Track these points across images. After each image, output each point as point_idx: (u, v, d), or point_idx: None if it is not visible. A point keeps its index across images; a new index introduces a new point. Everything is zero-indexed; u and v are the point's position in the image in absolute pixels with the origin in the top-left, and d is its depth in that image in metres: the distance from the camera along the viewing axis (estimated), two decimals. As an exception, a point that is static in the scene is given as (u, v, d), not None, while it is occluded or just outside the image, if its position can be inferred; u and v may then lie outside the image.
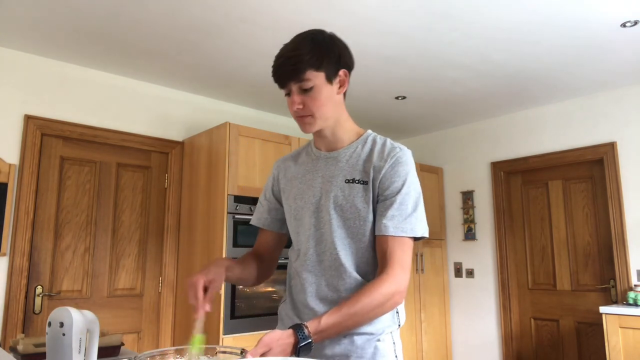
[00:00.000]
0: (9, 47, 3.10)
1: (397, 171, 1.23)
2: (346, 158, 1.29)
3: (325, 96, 1.22)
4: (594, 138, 3.95)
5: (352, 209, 1.23)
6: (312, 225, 1.28)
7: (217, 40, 3.00)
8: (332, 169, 1.30)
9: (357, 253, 1.24)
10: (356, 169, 1.26)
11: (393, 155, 1.25)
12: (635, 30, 2.89)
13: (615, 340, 3.21)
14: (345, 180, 1.26)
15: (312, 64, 1.19)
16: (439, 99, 4.07)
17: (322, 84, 1.21)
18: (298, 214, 1.32)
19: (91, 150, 3.42)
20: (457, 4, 2.59)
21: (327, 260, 1.25)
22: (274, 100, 4.09)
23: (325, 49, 1.22)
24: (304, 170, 1.36)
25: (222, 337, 3.06)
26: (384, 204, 1.22)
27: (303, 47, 1.19)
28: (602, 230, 3.90)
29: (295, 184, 1.36)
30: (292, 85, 1.21)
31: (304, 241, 1.30)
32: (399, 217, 1.19)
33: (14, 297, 2.96)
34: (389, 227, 1.19)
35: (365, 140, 1.31)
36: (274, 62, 1.22)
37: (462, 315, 4.66)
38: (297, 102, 1.21)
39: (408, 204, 1.21)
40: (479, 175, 4.65)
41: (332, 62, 1.23)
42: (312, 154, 1.37)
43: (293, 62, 1.18)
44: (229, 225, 3.22)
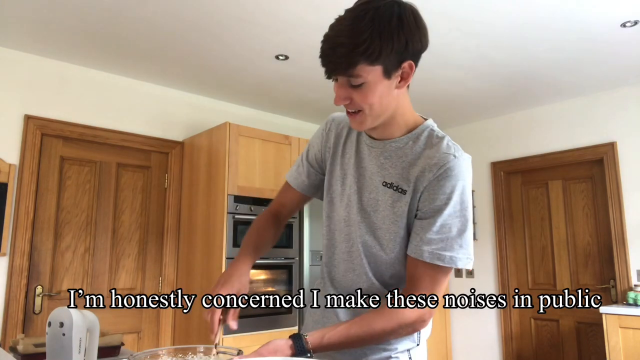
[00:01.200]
0: (9, 47, 3.10)
1: (443, 186, 1.01)
2: (390, 153, 1.09)
3: (379, 93, 0.99)
4: (593, 138, 3.95)
5: (384, 219, 1.08)
6: (346, 220, 1.15)
7: (217, 40, 3.00)
8: (373, 164, 1.11)
9: (383, 264, 1.10)
10: (398, 172, 1.07)
11: (443, 165, 1.02)
12: (636, 30, 2.89)
13: (616, 341, 3.21)
14: (383, 182, 1.08)
15: (367, 56, 0.93)
16: (438, 98, 4.07)
17: (377, 80, 0.97)
18: (334, 199, 1.18)
19: (91, 150, 3.42)
20: (457, 3, 2.59)
21: (352, 261, 1.14)
22: (274, 100, 4.09)
23: (387, 36, 0.93)
24: (349, 151, 1.17)
25: (222, 337, 3.06)
26: (422, 222, 1.03)
27: (357, 32, 0.92)
28: (602, 230, 3.89)
29: (337, 163, 1.19)
30: (340, 77, 0.98)
31: (336, 232, 1.18)
32: (438, 242, 1.00)
33: (14, 297, 2.96)
34: (424, 252, 1.01)
35: (418, 135, 1.09)
36: (322, 44, 0.97)
37: (462, 316, 4.66)
38: (342, 97, 1.00)
39: (453, 227, 1.01)
40: (479, 175, 4.65)
41: (395, 53, 0.95)
42: (363, 133, 1.16)
43: (342, 52, 0.93)
44: (229, 225, 3.22)
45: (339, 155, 1.19)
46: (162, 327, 3.57)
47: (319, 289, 1.25)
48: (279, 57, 3.23)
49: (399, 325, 1.00)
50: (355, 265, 1.13)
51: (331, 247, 1.20)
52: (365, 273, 1.11)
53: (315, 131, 1.34)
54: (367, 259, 1.11)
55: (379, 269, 1.11)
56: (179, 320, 3.56)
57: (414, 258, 1.03)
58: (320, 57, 0.97)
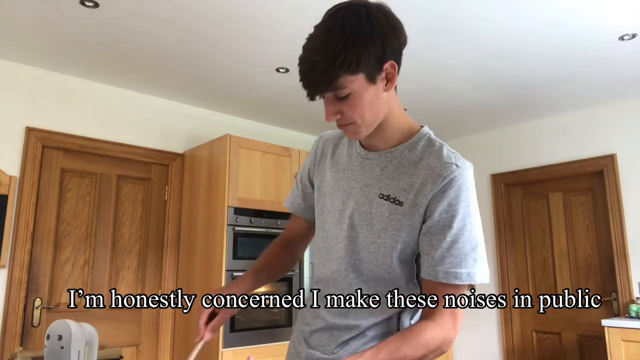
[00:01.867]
0: (11, 59, 3.12)
1: (448, 197, 0.96)
2: (385, 164, 1.05)
3: (368, 100, 0.96)
4: (593, 150, 3.96)
5: (380, 232, 1.02)
6: (333, 235, 1.10)
7: (218, 52, 3.02)
8: (367, 176, 1.07)
9: (374, 283, 1.04)
10: (395, 183, 1.02)
11: (446, 176, 0.97)
12: (634, 43, 2.91)
13: (618, 354, 3.19)
14: (380, 194, 1.03)
15: (346, 68, 0.90)
16: (438, 111, 4.09)
17: (363, 88, 0.94)
18: (322, 215, 1.14)
19: (92, 162, 3.43)
20: (457, 17, 2.61)
21: (339, 282, 1.08)
22: (275, 112, 4.11)
23: (362, 42, 0.91)
24: (340, 165, 1.14)
25: (222, 350, 3.04)
26: (430, 239, 0.98)
27: (331, 45, 0.90)
28: (603, 243, 3.88)
29: (327, 178, 1.15)
30: (325, 94, 0.96)
31: (323, 249, 1.14)
32: (451, 259, 0.95)
33: (12, 309, 2.94)
34: (438, 273, 0.96)
35: (415, 143, 1.04)
36: (299, 66, 0.94)
37: (463, 328, 4.63)
38: (332, 113, 0.97)
39: (464, 241, 0.96)
40: (480, 187, 4.65)
41: (373, 57, 0.92)
42: (354, 147, 1.13)
43: (320, 70, 0.90)
44: (229, 237, 3.21)
45: (329, 169, 1.16)
46: (161, 341, 3.54)
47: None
48: (279, 69, 3.25)
49: (427, 349, 0.95)
50: (338, 282, 1.09)
51: (322, 267, 1.15)
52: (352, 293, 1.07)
53: None
54: (352, 279, 1.07)
55: (369, 288, 1.06)
56: (178, 334, 3.54)
57: (429, 280, 0.99)
58: (300, 80, 0.94)
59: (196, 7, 2.51)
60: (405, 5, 2.49)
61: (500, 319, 4.36)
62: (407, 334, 0.95)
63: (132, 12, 2.55)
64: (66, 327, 1.10)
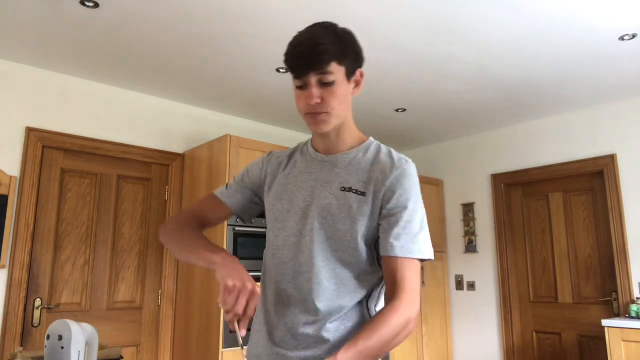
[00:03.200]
0: (11, 59, 3.12)
1: (402, 184, 1.12)
2: (345, 164, 1.19)
3: (343, 93, 1.13)
4: (593, 150, 3.96)
5: (345, 220, 1.13)
6: (297, 232, 1.17)
7: (218, 52, 3.02)
8: (327, 174, 1.19)
9: (342, 269, 1.13)
10: (354, 177, 1.16)
11: (399, 167, 1.14)
12: (634, 43, 2.91)
13: (618, 354, 3.19)
14: (341, 187, 1.15)
15: (338, 55, 1.09)
16: (438, 111, 4.09)
17: (342, 80, 1.12)
18: (281, 216, 1.21)
19: (92, 162, 3.43)
20: (456, 17, 2.61)
21: (307, 272, 1.14)
22: (275, 112, 4.11)
23: (349, 44, 1.13)
24: (297, 170, 1.25)
25: (222, 350, 3.04)
26: (389, 220, 1.11)
27: (327, 37, 1.09)
28: (603, 242, 3.88)
29: (283, 183, 1.25)
30: (312, 77, 1.09)
31: (284, 248, 1.19)
32: (405, 236, 1.09)
33: (12, 309, 2.94)
34: (395, 247, 1.08)
35: (367, 147, 1.21)
36: (292, 49, 1.11)
37: (463, 328, 4.63)
38: (315, 96, 1.09)
39: (415, 221, 1.11)
40: (479, 187, 4.65)
41: (353, 59, 1.14)
42: (308, 154, 1.26)
43: (318, 51, 1.07)
44: (228, 238, 3.21)
45: (285, 177, 1.26)
46: (161, 341, 3.54)
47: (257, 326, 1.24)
48: (279, 69, 3.25)
49: (399, 325, 1.02)
50: (307, 273, 1.14)
51: (277, 264, 1.19)
52: (319, 280, 1.12)
53: None
54: (321, 267, 1.13)
55: (336, 275, 1.13)
56: (178, 334, 3.54)
57: (387, 256, 1.10)
58: (294, 58, 1.10)
59: (196, 7, 2.51)
60: (406, 6, 2.49)
61: (500, 319, 4.36)
62: (379, 317, 1.03)
63: (132, 12, 2.55)
64: (66, 327, 1.10)
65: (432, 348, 4.44)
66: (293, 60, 1.10)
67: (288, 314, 1.15)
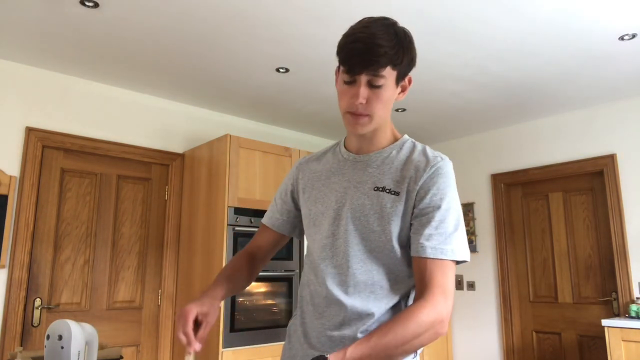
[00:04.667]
0: (11, 59, 3.12)
1: (436, 183, 1.09)
2: (378, 163, 1.16)
3: (389, 97, 1.10)
4: (593, 150, 3.96)
5: (378, 220, 1.10)
6: (331, 233, 1.16)
7: (218, 52, 3.02)
8: (360, 174, 1.17)
9: (378, 270, 1.11)
10: (388, 177, 1.13)
11: (434, 165, 1.11)
12: (634, 43, 2.91)
13: (618, 354, 3.19)
14: (374, 187, 1.13)
15: (393, 60, 1.05)
16: (438, 110, 4.09)
17: (391, 84, 1.09)
18: (317, 220, 1.20)
19: (92, 162, 3.43)
20: (456, 17, 2.61)
21: (342, 274, 1.12)
22: (275, 112, 4.11)
23: (406, 47, 1.08)
24: (329, 171, 1.23)
25: (222, 350, 3.04)
26: (420, 220, 1.08)
27: (387, 38, 1.04)
28: (603, 242, 3.88)
29: (317, 186, 1.23)
30: (363, 77, 1.05)
31: (320, 250, 1.18)
32: (438, 236, 1.05)
33: (12, 309, 2.94)
34: (426, 248, 1.05)
35: (401, 145, 1.18)
36: (350, 43, 1.05)
37: (463, 328, 4.63)
38: (363, 96, 1.06)
39: (449, 221, 1.07)
40: (479, 187, 4.65)
41: (406, 64, 1.10)
42: (340, 154, 1.24)
43: (376, 53, 1.03)
44: (229, 237, 3.21)
45: (318, 180, 1.25)
46: (161, 341, 3.54)
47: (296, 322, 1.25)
48: (279, 69, 3.25)
49: (419, 327, 0.97)
50: (342, 275, 1.13)
51: (314, 266, 1.19)
52: (357, 282, 1.11)
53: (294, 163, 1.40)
54: (357, 268, 1.11)
55: (372, 276, 1.11)
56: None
57: (418, 257, 1.06)
58: (349, 54, 1.05)
59: (196, 6, 2.51)
60: (406, 6, 2.49)
61: (500, 319, 4.36)
62: (399, 315, 1.00)
63: (132, 12, 2.55)
64: (66, 327, 1.10)
65: (432, 348, 4.44)
66: (348, 56, 1.05)
67: (325, 316, 1.14)
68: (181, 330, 1.05)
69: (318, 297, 1.16)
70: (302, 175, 1.29)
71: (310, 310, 1.18)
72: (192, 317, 1.07)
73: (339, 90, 1.12)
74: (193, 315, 1.07)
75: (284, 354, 1.25)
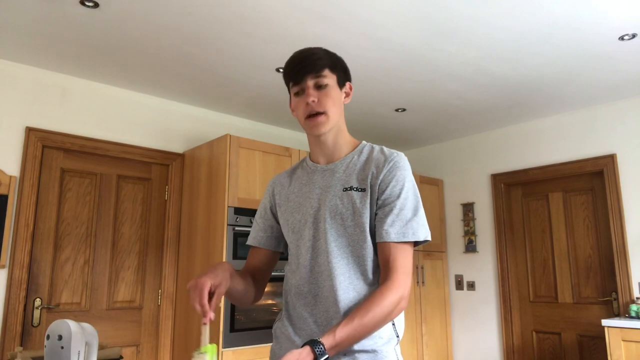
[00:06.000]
0: (11, 59, 3.12)
1: (394, 175, 1.24)
2: (343, 169, 1.31)
3: (336, 97, 1.29)
4: (593, 150, 3.96)
5: (351, 216, 1.23)
6: (312, 236, 1.27)
7: (218, 52, 3.02)
8: (329, 180, 1.30)
9: (357, 262, 1.22)
10: (353, 178, 1.27)
11: (390, 160, 1.26)
12: (634, 43, 2.91)
13: (618, 354, 3.19)
14: (343, 188, 1.26)
15: (329, 64, 1.28)
16: (438, 111, 4.09)
17: (335, 85, 1.29)
18: (296, 227, 1.31)
19: (92, 162, 3.43)
20: (456, 17, 2.61)
21: (324, 272, 1.23)
22: (275, 112, 4.11)
23: (337, 59, 1.32)
24: (300, 184, 1.36)
25: (222, 350, 3.04)
26: (383, 210, 1.22)
27: (319, 51, 1.29)
28: (603, 243, 3.89)
29: (292, 198, 1.36)
30: (309, 80, 1.26)
31: (305, 254, 1.28)
32: (399, 222, 1.20)
33: (12, 309, 2.94)
34: (390, 234, 1.19)
35: (361, 150, 1.33)
36: (291, 61, 1.29)
37: (463, 328, 4.63)
38: (312, 95, 1.25)
39: (408, 208, 1.22)
40: (479, 187, 4.65)
41: (342, 72, 1.32)
42: (308, 167, 1.38)
43: (312, 58, 1.26)
44: (229, 237, 3.21)
45: (291, 193, 1.37)
46: (161, 341, 3.54)
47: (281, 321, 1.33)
48: (279, 69, 3.25)
49: (390, 304, 1.12)
50: (326, 272, 1.23)
51: (299, 270, 1.28)
52: (336, 276, 1.21)
53: None
54: (336, 263, 1.22)
55: (352, 268, 1.22)
56: (178, 334, 3.54)
57: (383, 242, 1.20)
58: (291, 67, 1.27)
59: (196, 6, 2.51)
60: (406, 6, 2.49)
61: (500, 319, 4.36)
62: (373, 296, 1.14)
63: (132, 12, 2.55)
64: (66, 327, 1.10)
65: (432, 348, 4.44)
66: (292, 67, 1.27)
67: (314, 313, 1.23)
68: (197, 301, 1.08)
69: (307, 297, 1.25)
70: (277, 191, 1.42)
71: (297, 311, 1.27)
72: (207, 289, 1.09)
73: (293, 108, 1.31)
74: (208, 287, 1.09)
75: (274, 355, 1.31)
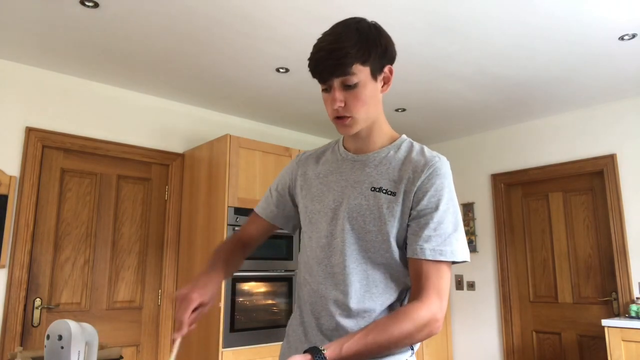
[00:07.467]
0: (11, 59, 3.12)
1: (434, 184, 1.09)
2: (375, 163, 1.16)
3: (369, 94, 1.10)
4: (593, 150, 3.96)
5: (374, 221, 1.10)
6: (329, 233, 1.16)
7: (218, 53, 3.02)
8: (357, 174, 1.17)
9: (374, 269, 1.12)
10: (385, 177, 1.13)
11: (431, 165, 1.10)
12: (634, 43, 2.91)
13: (618, 354, 3.19)
14: (372, 188, 1.13)
15: (359, 57, 1.06)
16: (438, 111, 4.09)
17: (367, 80, 1.09)
18: (313, 218, 1.20)
19: (92, 162, 3.43)
20: (456, 17, 2.61)
21: (339, 273, 1.13)
22: (275, 112, 4.11)
23: (372, 41, 1.08)
24: (327, 170, 1.23)
25: (222, 350, 3.04)
26: (419, 222, 1.08)
27: (348, 38, 1.06)
28: (603, 243, 3.88)
29: (316, 184, 1.23)
30: (335, 81, 1.07)
31: (317, 249, 1.18)
32: (437, 238, 1.06)
33: (12, 309, 2.94)
34: (425, 250, 1.05)
35: (399, 145, 1.18)
36: (314, 55, 1.08)
37: (463, 328, 4.63)
38: (339, 100, 1.08)
39: (447, 223, 1.07)
40: (479, 187, 4.65)
41: (379, 57, 1.10)
42: (338, 153, 1.24)
43: (338, 55, 1.05)
44: (229, 237, 3.20)
45: (316, 177, 1.25)
46: (161, 341, 3.54)
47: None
48: (279, 69, 3.25)
49: (414, 327, 1.00)
50: (339, 274, 1.13)
51: (310, 265, 1.20)
52: (351, 282, 1.11)
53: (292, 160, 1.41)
54: (352, 269, 1.12)
55: (367, 277, 1.12)
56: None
57: (416, 259, 1.06)
58: (315, 65, 1.08)
59: (196, 6, 2.51)
60: (406, 5, 2.49)
61: (500, 319, 4.36)
62: (395, 314, 1.02)
63: (132, 12, 2.55)
64: (66, 327, 1.10)
65: (432, 348, 4.44)
66: (314, 66, 1.08)
67: (323, 315, 1.14)
68: (181, 315, 1.08)
69: (315, 296, 1.17)
70: (301, 172, 1.29)
71: (308, 310, 1.19)
72: (193, 306, 1.09)
73: (323, 100, 1.13)
74: (195, 305, 1.09)
75: (283, 354, 1.25)
